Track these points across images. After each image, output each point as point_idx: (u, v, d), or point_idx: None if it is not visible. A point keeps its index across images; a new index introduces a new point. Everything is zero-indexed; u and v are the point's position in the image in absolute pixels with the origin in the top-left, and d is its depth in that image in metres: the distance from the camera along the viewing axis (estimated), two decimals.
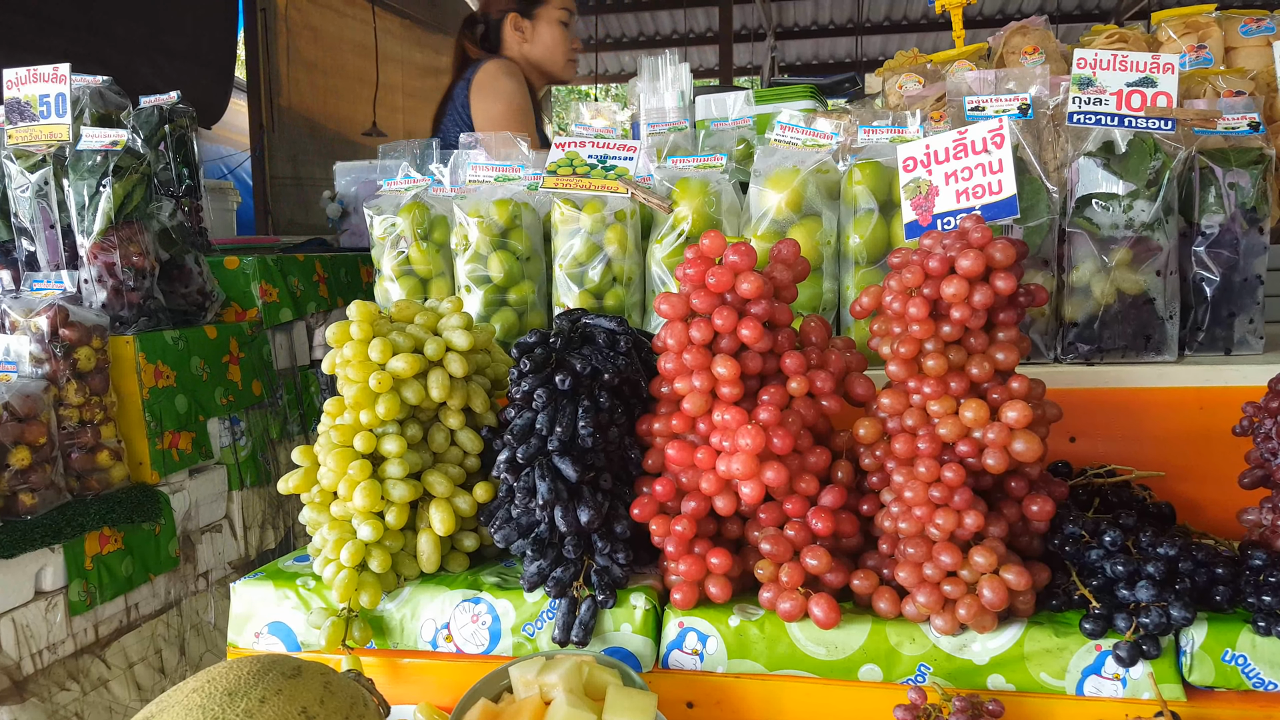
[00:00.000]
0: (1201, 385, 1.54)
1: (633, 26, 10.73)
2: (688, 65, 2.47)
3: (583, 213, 1.65)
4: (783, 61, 11.03)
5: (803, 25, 10.56)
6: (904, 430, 1.27)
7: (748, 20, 10.04)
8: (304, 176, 6.48)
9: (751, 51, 10.85)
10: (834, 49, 11.06)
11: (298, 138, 6.47)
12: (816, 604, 1.24)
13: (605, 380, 1.35)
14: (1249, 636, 1.16)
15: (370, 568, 1.40)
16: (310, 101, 6.61)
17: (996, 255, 1.18)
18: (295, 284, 2.64)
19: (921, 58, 2.37)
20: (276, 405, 2.53)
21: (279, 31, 6.21)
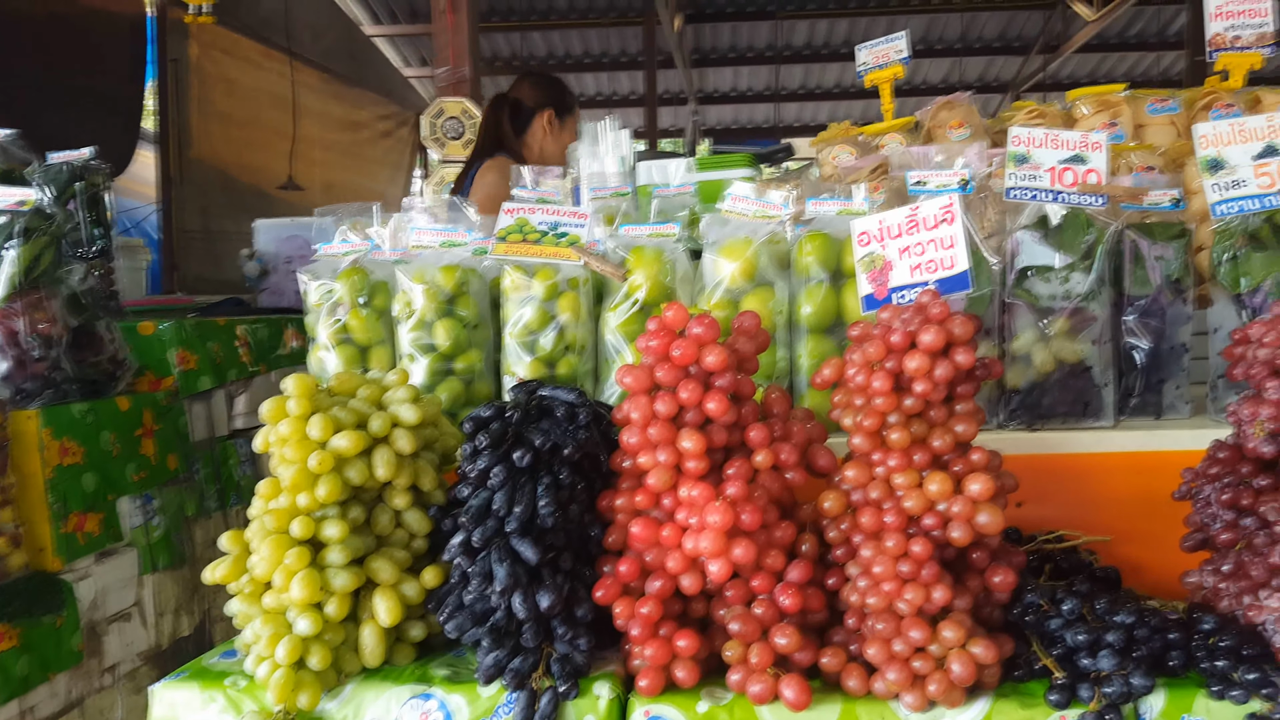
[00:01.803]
0: (1137, 450, 1.59)
1: None
2: (628, 131, 2.49)
3: (535, 280, 1.63)
4: (704, 125, 11.33)
5: (723, 91, 10.89)
6: (869, 503, 1.26)
7: (670, 85, 10.30)
8: (215, 230, 6.29)
9: (675, 114, 11.11)
10: (752, 114, 11.42)
11: (209, 190, 6.30)
12: (787, 685, 1.21)
13: (566, 456, 1.31)
14: (1204, 701, 1.18)
15: (309, 665, 1.30)
16: (223, 153, 6.45)
17: (956, 330, 1.21)
18: (215, 350, 2.53)
19: (853, 130, 2.45)
20: (193, 480, 2.40)
21: (190, 83, 6.07)
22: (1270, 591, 1.24)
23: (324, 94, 7.44)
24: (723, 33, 9.49)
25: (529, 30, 9.31)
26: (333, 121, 7.69)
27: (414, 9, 8.91)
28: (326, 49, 7.41)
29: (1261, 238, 1.55)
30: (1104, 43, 9.32)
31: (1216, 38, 2.36)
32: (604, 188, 2.31)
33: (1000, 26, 9.46)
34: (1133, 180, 2.02)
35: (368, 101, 8.30)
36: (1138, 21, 9.30)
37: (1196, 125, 1.56)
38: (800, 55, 9.82)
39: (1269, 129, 1.55)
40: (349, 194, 7.67)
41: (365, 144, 8.46)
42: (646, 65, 7.85)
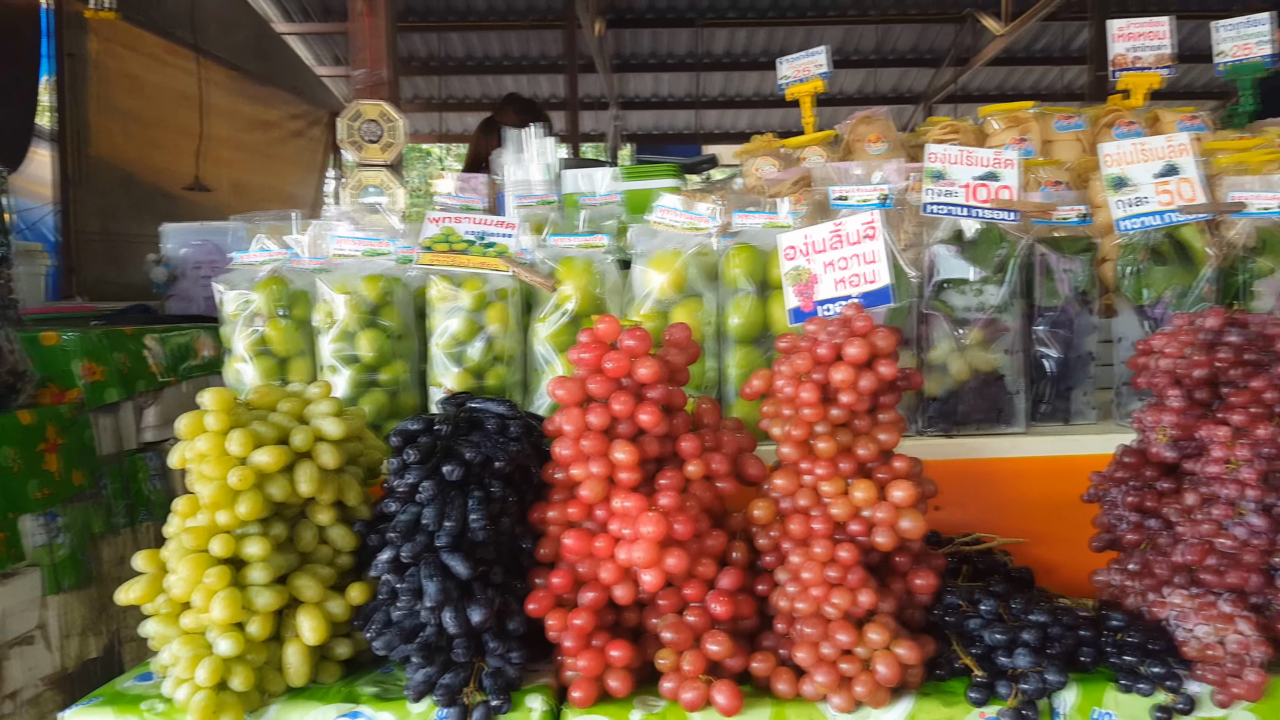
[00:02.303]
0: (1047, 454, 1.66)
1: (476, 89, 10.77)
2: (553, 139, 2.48)
3: (462, 290, 1.61)
4: (625, 131, 11.37)
5: (644, 97, 10.93)
6: (797, 510, 1.29)
7: (592, 89, 10.30)
8: (117, 233, 6.04)
9: (596, 119, 11.11)
10: (674, 120, 11.50)
11: (110, 191, 6.04)
12: (719, 692, 1.22)
13: (498, 469, 1.31)
14: (1114, 694, 1.24)
15: (231, 686, 1.26)
16: (125, 152, 6.19)
17: (879, 343, 1.24)
18: (123, 360, 2.42)
19: (776, 142, 2.49)
20: (100, 496, 2.30)
21: (89, 78, 5.81)
22: (1173, 588, 1.31)
23: (232, 92, 7.21)
24: (643, 38, 9.54)
25: (447, 31, 9.20)
26: (242, 120, 7.46)
27: (327, 7, 8.72)
28: (235, 46, 7.19)
29: (1162, 252, 1.63)
30: (1012, 56, 9.68)
31: (1119, 58, 2.48)
32: (529, 195, 2.31)
33: (913, 39, 9.74)
34: (1042, 195, 2.11)
35: (279, 100, 8.08)
36: (1043, 37, 9.69)
37: (1102, 145, 1.64)
38: (720, 63, 9.95)
39: (1169, 149, 1.63)
40: (259, 195, 7.45)
41: (276, 144, 8.23)
42: (568, 69, 7.83)
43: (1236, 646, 1.22)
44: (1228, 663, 1.22)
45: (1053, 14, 7.35)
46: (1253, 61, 2.46)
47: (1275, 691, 1.24)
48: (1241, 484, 1.25)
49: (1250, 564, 1.26)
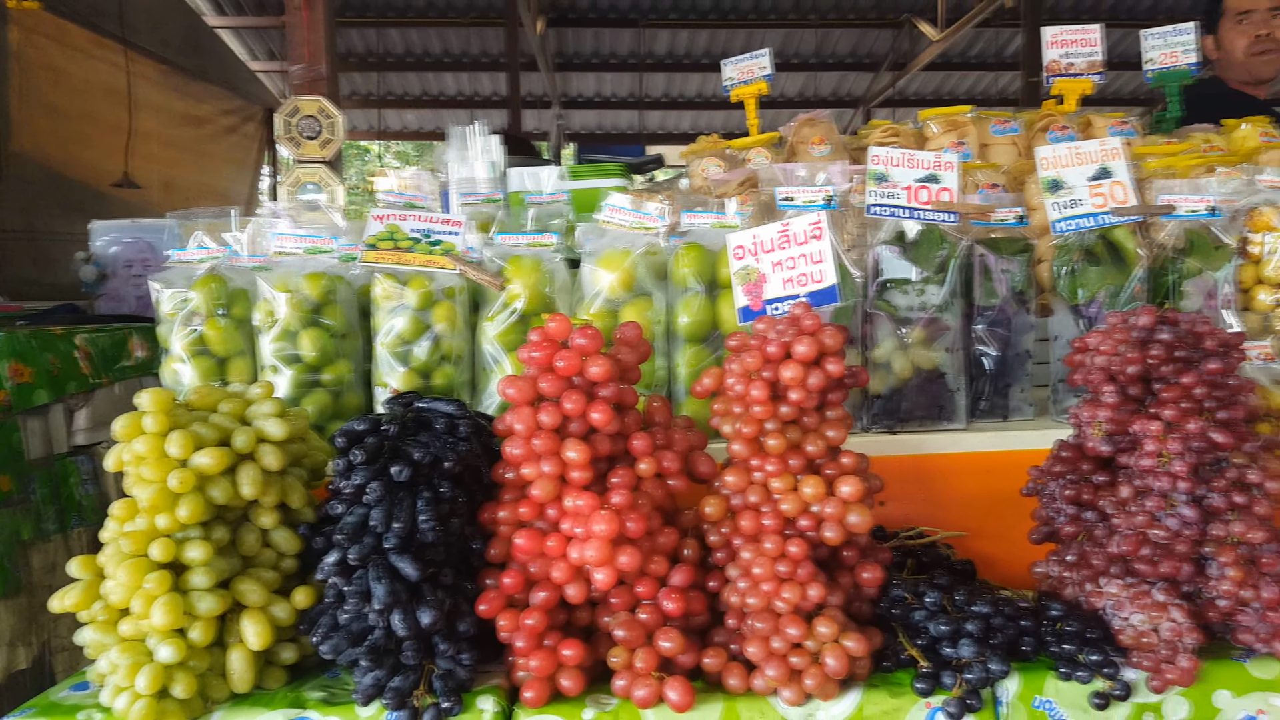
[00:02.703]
0: (987, 450, 1.70)
1: (416, 86, 10.64)
2: (498, 137, 2.47)
3: (408, 288, 1.59)
4: (568, 130, 11.34)
5: (587, 96, 10.92)
6: (748, 507, 1.30)
7: (534, 88, 10.26)
8: (41, 230, 5.82)
9: (538, 118, 11.06)
10: (617, 120, 11.50)
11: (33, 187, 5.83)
12: (671, 688, 1.23)
13: (447, 469, 1.29)
14: (1054, 683, 1.28)
15: (173, 694, 1.24)
16: (50, 147, 5.98)
17: (827, 341, 1.26)
18: (52, 361, 2.34)
19: (722, 143, 2.51)
20: (29, 502, 2.22)
21: (10, 71, 5.60)
22: (1109, 578, 1.35)
23: (163, 87, 7.00)
24: (586, 38, 9.53)
25: (386, 27, 9.07)
26: (173, 116, 7.26)
27: (261, 2, 8.53)
28: (166, 39, 6.99)
29: (1096, 253, 1.69)
30: (948, 61, 9.91)
31: (1052, 64, 2.55)
32: (475, 193, 2.29)
33: (852, 43, 9.90)
34: (979, 197, 2.16)
35: (211, 95, 7.88)
36: (978, 43, 9.94)
37: (1038, 148, 1.69)
38: (663, 64, 9.98)
39: (1102, 153, 1.69)
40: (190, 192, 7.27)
41: (208, 140, 8.03)
42: (509, 67, 7.79)
43: (1169, 634, 1.27)
44: (1161, 649, 1.27)
45: (986, 21, 7.54)
46: (1178, 69, 2.55)
47: (1207, 676, 1.28)
48: (1173, 477, 1.29)
49: (1182, 554, 1.31)
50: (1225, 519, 1.30)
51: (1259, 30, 3.01)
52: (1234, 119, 2.45)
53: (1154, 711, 1.28)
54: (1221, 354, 1.33)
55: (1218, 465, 1.33)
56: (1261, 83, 3.10)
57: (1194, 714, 1.28)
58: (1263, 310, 1.71)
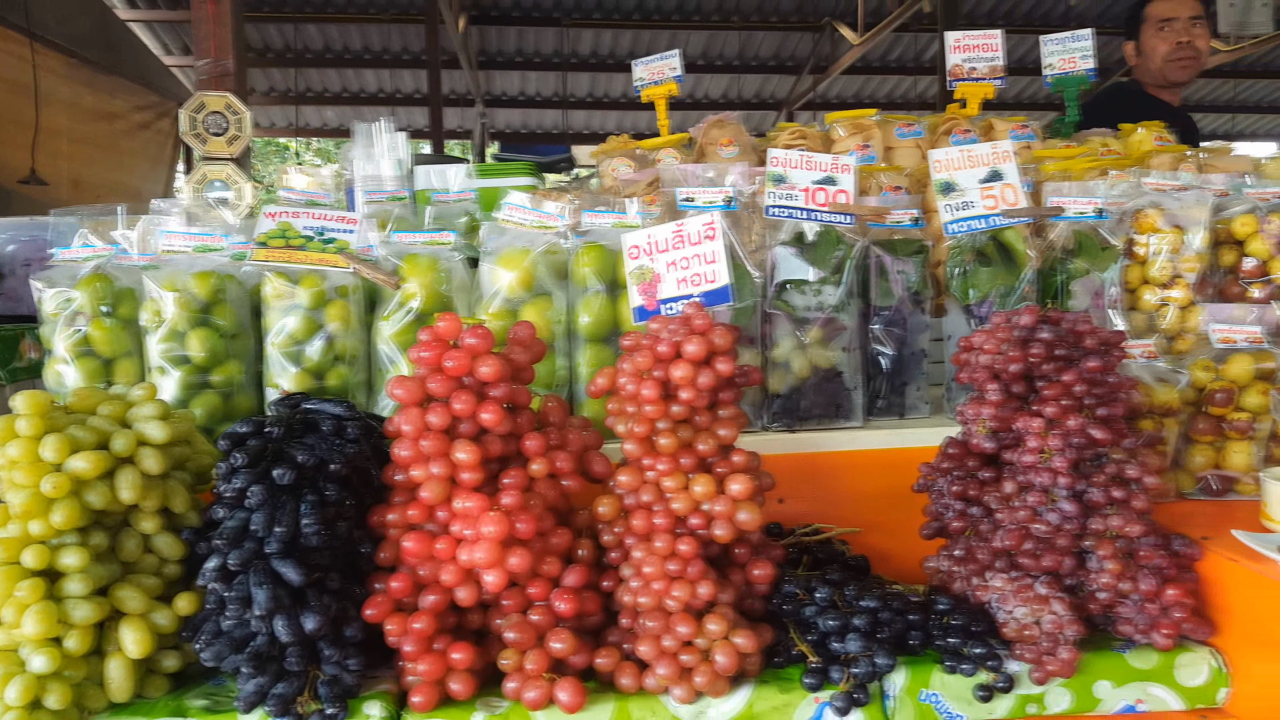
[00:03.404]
0: (883, 447, 1.73)
1: (335, 82, 10.43)
2: (404, 134, 2.43)
3: (299, 287, 1.56)
4: (493, 128, 11.24)
5: (511, 95, 10.84)
6: (640, 506, 1.30)
7: (457, 86, 10.14)
8: None
9: (461, 116, 10.94)
10: (541, 119, 11.44)
11: None
12: (561, 689, 1.22)
13: (333, 471, 1.27)
14: (940, 676, 1.30)
15: (46, 705, 1.19)
16: None
17: (717, 340, 1.27)
18: None
19: (631, 143, 2.51)
20: None
21: None
22: (995, 572, 1.39)
23: (73, 81, 6.74)
24: (509, 36, 9.45)
25: (303, 22, 8.86)
26: (83, 112, 6.99)
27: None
28: (75, 32, 6.72)
29: (987, 254, 1.73)
30: (868, 66, 10.09)
31: (955, 68, 2.62)
32: (379, 191, 2.25)
33: (775, 46, 10.02)
34: (882, 199, 2.20)
35: (123, 90, 7.61)
36: (897, 48, 10.15)
37: (931, 151, 1.73)
38: (587, 64, 9.96)
39: (993, 155, 1.74)
40: (102, 190, 7.01)
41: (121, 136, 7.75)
42: (430, 65, 7.68)
43: (1051, 626, 1.31)
44: (1043, 642, 1.30)
45: (905, 26, 7.71)
46: (1076, 74, 2.64)
47: (1087, 667, 1.33)
48: (1054, 472, 1.34)
49: (1063, 547, 1.35)
50: (1104, 513, 1.34)
51: (1180, 38, 3.14)
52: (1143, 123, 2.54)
53: (1037, 702, 1.32)
54: (1101, 352, 1.37)
55: (1098, 461, 1.37)
56: (1174, 86, 3.23)
57: (1076, 704, 1.33)
58: (1148, 310, 1.78)
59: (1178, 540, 1.38)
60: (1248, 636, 1.32)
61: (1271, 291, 1.73)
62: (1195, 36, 3.11)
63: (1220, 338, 1.58)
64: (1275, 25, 5.61)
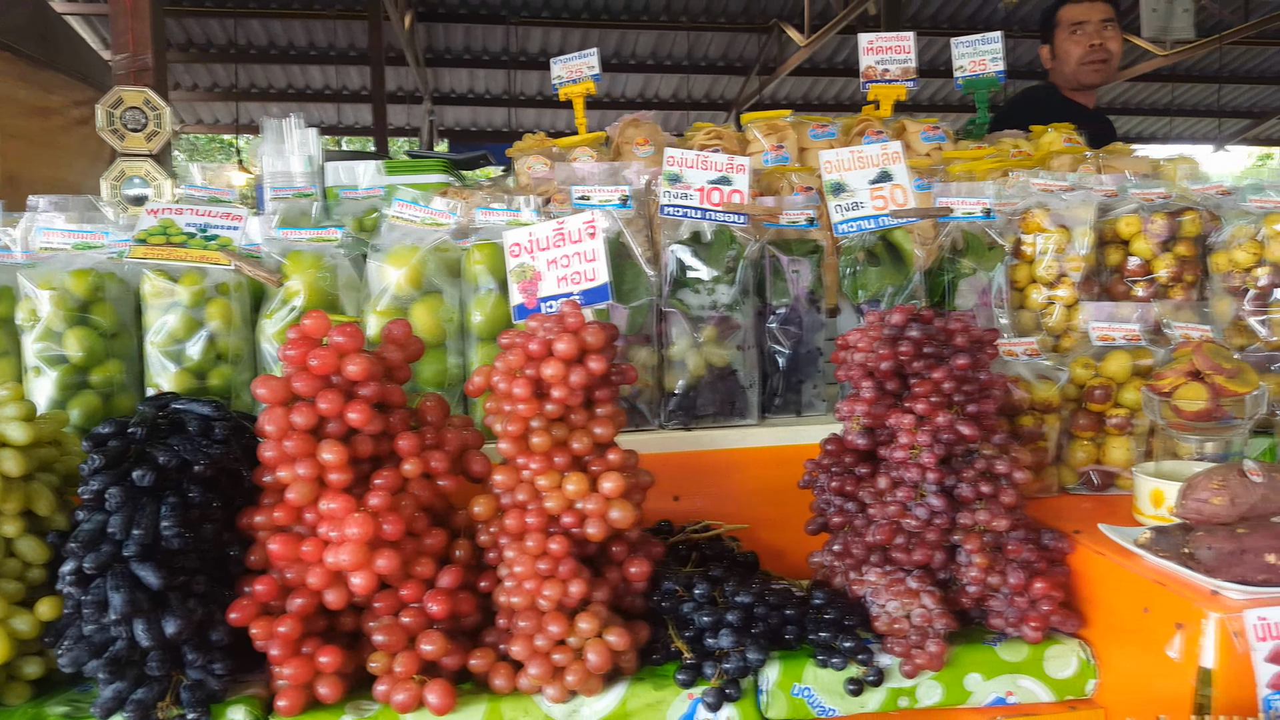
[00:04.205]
0: (778, 444, 1.74)
1: (281, 78, 10.28)
2: (315, 130, 2.40)
3: (179, 285, 1.53)
4: (441, 126, 11.15)
5: (460, 92, 10.75)
6: (516, 505, 1.30)
7: (404, 83, 10.04)
8: None
9: (409, 113, 10.84)
10: (491, 117, 11.37)
11: None
12: (431, 691, 1.21)
13: (197, 473, 1.24)
14: (812, 670, 1.32)
15: None
16: None
17: (589, 339, 1.27)
18: None
19: (548, 141, 2.50)
20: None
21: None
22: (870, 567, 1.41)
23: (6, 75, 6.56)
24: (457, 34, 9.38)
25: (246, 18, 8.72)
26: (17, 106, 6.80)
27: None
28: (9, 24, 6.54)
29: (877, 254, 1.75)
30: (815, 67, 10.17)
31: (869, 70, 2.65)
32: (288, 188, 2.22)
33: (724, 47, 10.06)
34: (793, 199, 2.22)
35: (60, 85, 7.42)
36: (844, 49, 10.24)
37: (822, 152, 1.74)
38: (536, 62, 9.92)
39: (883, 156, 1.75)
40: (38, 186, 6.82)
41: (58, 132, 7.57)
42: (373, 61, 7.60)
43: (920, 619, 1.33)
44: (912, 635, 1.32)
45: (850, 28, 7.78)
46: (986, 76, 2.68)
47: (958, 660, 1.35)
48: (922, 468, 1.36)
49: (933, 542, 1.37)
50: (973, 508, 1.37)
51: (1092, 40, 3.21)
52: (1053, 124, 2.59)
53: (909, 695, 1.34)
54: (971, 350, 1.39)
55: (968, 457, 1.40)
56: (1088, 88, 3.30)
57: (946, 697, 1.35)
58: (1036, 308, 1.81)
59: (1047, 534, 1.41)
60: (1113, 628, 1.35)
61: (1154, 290, 1.77)
62: (1107, 39, 3.18)
63: (1099, 335, 1.61)
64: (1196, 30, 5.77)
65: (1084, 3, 3.20)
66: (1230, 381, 1.38)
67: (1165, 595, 1.23)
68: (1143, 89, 11.14)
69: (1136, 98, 11.47)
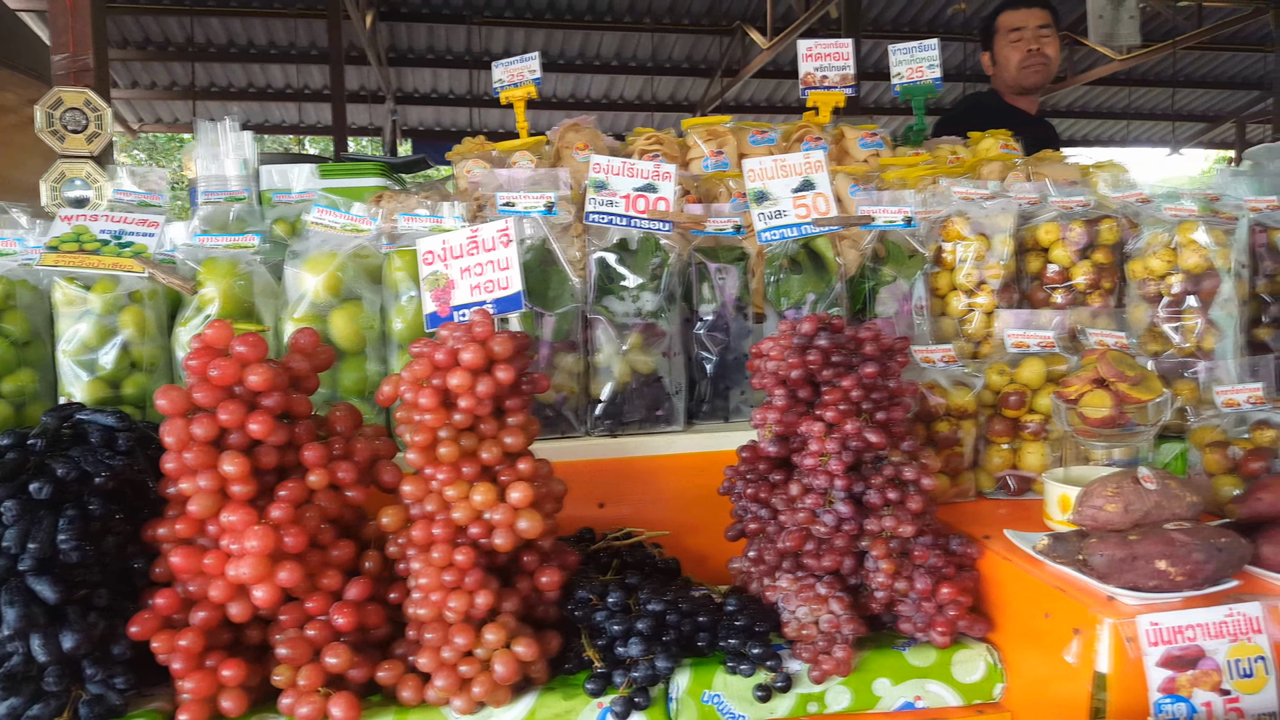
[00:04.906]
0: (703, 451, 1.75)
1: (241, 77, 10.15)
2: (250, 133, 2.37)
3: (91, 293, 1.51)
4: (405, 126, 11.07)
5: (423, 92, 10.68)
6: (424, 516, 1.30)
7: (367, 82, 9.95)
8: None
9: (371, 113, 10.75)
10: (455, 117, 11.30)
11: None
12: (335, 704, 1.21)
13: (98, 485, 1.23)
14: (722, 676, 1.32)
15: None
16: None
17: (497, 348, 1.27)
18: None
19: (487, 145, 2.50)
20: None
21: None
22: (782, 573, 1.42)
23: None
24: (419, 33, 9.32)
25: (204, 16, 8.61)
26: None
27: None
28: None
29: (800, 261, 1.76)
30: (779, 69, 10.19)
31: (808, 76, 2.66)
32: (221, 191, 2.20)
33: (687, 49, 10.07)
34: (731, 206, 2.23)
35: (15, 83, 7.28)
36: None
37: (745, 160, 1.75)
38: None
39: (806, 165, 1.77)
40: None
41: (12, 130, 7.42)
42: (333, 61, 7.53)
43: (828, 625, 1.34)
44: (820, 641, 1.33)
45: (812, 31, 7.81)
46: (924, 83, 2.71)
47: (867, 666, 1.36)
48: (830, 475, 1.37)
49: (842, 548, 1.39)
50: (880, 514, 1.38)
51: (1029, 46, 3.25)
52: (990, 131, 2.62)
53: (818, 701, 1.35)
54: (880, 358, 1.41)
55: (877, 463, 1.41)
56: (1029, 94, 3.34)
57: (855, 702, 1.36)
58: (956, 315, 1.83)
59: (956, 540, 1.42)
60: (1019, 633, 1.37)
61: (1073, 297, 1.80)
62: (1044, 44, 3.23)
63: (1014, 343, 1.64)
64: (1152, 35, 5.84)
65: (1021, 9, 3.24)
66: (1134, 389, 1.41)
67: (1064, 601, 1.25)
68: (1100, 93, 11.29)
69: (1094, 101, 11.63)
